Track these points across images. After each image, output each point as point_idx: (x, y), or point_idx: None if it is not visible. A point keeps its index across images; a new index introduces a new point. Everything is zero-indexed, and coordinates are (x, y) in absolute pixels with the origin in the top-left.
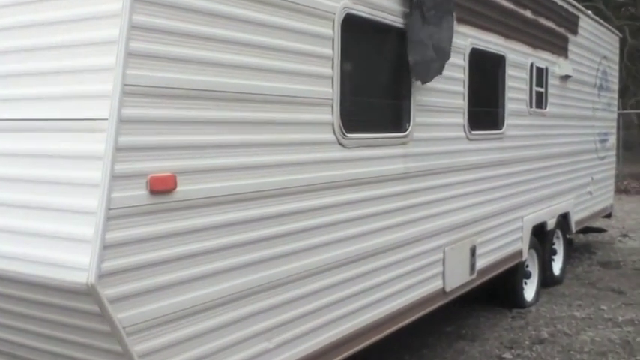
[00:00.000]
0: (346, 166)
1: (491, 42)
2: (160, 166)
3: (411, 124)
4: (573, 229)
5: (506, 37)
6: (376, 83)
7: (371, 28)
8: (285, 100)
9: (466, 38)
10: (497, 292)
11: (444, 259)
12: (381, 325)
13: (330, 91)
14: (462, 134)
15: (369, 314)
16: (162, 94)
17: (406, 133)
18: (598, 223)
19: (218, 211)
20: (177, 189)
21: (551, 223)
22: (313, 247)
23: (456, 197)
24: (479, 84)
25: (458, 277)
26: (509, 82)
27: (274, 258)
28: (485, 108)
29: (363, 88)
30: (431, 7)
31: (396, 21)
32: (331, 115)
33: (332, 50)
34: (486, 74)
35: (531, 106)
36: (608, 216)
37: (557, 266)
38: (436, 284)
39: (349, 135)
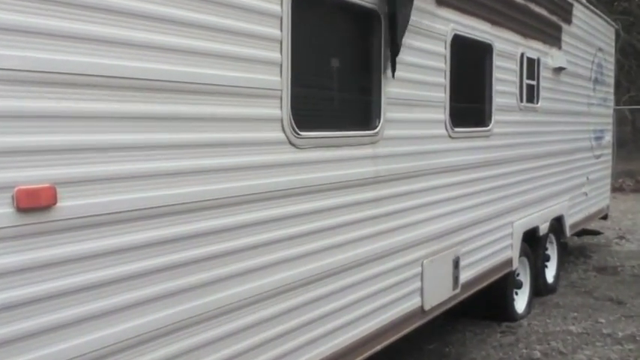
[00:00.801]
0: (300, 170)
1: (477, 28)
2: (32, 175)
3: (382, 120)
4: (568, 233)
5: (494, 23)
6: (338, 72)
7: (331, 4)
8: (220, 90)
9: (448, 23)
10: (485, 304)
11: (421, 274)
12: (348, 354)
13: (277, 80)
14: (443, 132)
15: (333, 342)
16: (33, 79)
17: (376, 130)
18: (594, 225)
19: (120, 232)
20: (59, 204)
21: (543, 228)
22: (259, 269)
23: (436, 203)
24: (462, 75)
25: (439, 293)
26: (497, 74)
27: (205, 285)
28: (470, 102)
29: (321, 77)
30: None
31: None
32: (279, 109)
33: (280, 30)
34: (471, 65)
35: (522, 101)
36: (605, 217)
37: (550, 274)
38: (413, 303)
39: (303, 133)
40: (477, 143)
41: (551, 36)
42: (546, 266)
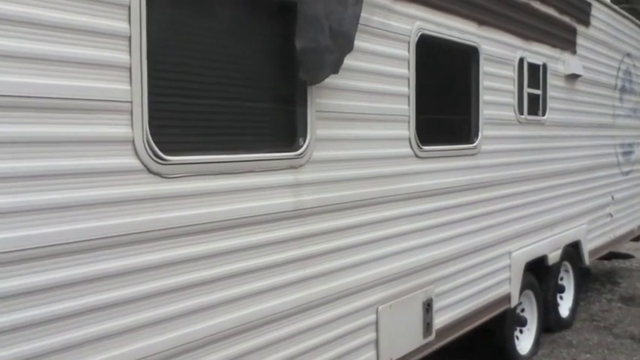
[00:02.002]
0: (168, 205)
1: (456, 28)
2: None
3: (309, 138)
4: (587, 260)
5: (481, 23)
6: (234, 77)
7: None
8: (48, 104)
9: (412, 21)
10: (481, 345)
11: (377, 323)
12: None
13: (125, 89)
14: (407, 150)
15: None
16: None
17: (299, 152)
18: (626, 247)
19: None
20: None
21: (554, 256)
22: (124, 332)
23: (394, 237)
24: (437, 84)
25: (403, 344)
26: (485, 82)
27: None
28: (447, 115)
29: (205, 84)
30: None
31: None
32: (130, 127)
33: (128, 24)
34: (449, 71)
35: (522, 113)
36: (637, 239)
37: (565, 306)
38: (364, 358)
39: (170, 158)
40: (458, 163)
41: (563, 39)
42: (561, 298)
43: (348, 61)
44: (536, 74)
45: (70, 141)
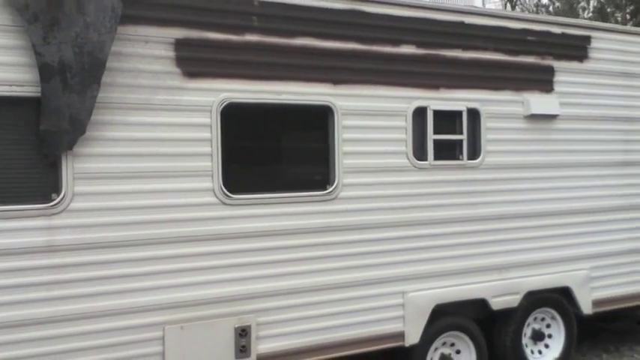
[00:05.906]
0: None
1: (291, 92)
2: None
3: (64, 193)
4: (586, 309)
5: (336, 82)
6: None
7: None
8: None
9: (215, 93)
10: None
11: (163, 339)
12: None
13: None
14: (210, 199)
15: None
16: None
17: (52, 204)
18: None
19: None
20: None
21: (505, 301)
22: None
23: (181, 272)
24: (267, 142)
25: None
26: (345, 135)
27: None
28: (285, 167)
29: None
30: (76, 72)
31: None
32: None
33: None
34: (287, 130)
35: (423, 159)
36: None
37: (550, 356)
38: None
39: None
40: (300, 209)
41: (521, 80)
42: (546, 346)
43: (123, 133)
44: (453, 120)
45: None
